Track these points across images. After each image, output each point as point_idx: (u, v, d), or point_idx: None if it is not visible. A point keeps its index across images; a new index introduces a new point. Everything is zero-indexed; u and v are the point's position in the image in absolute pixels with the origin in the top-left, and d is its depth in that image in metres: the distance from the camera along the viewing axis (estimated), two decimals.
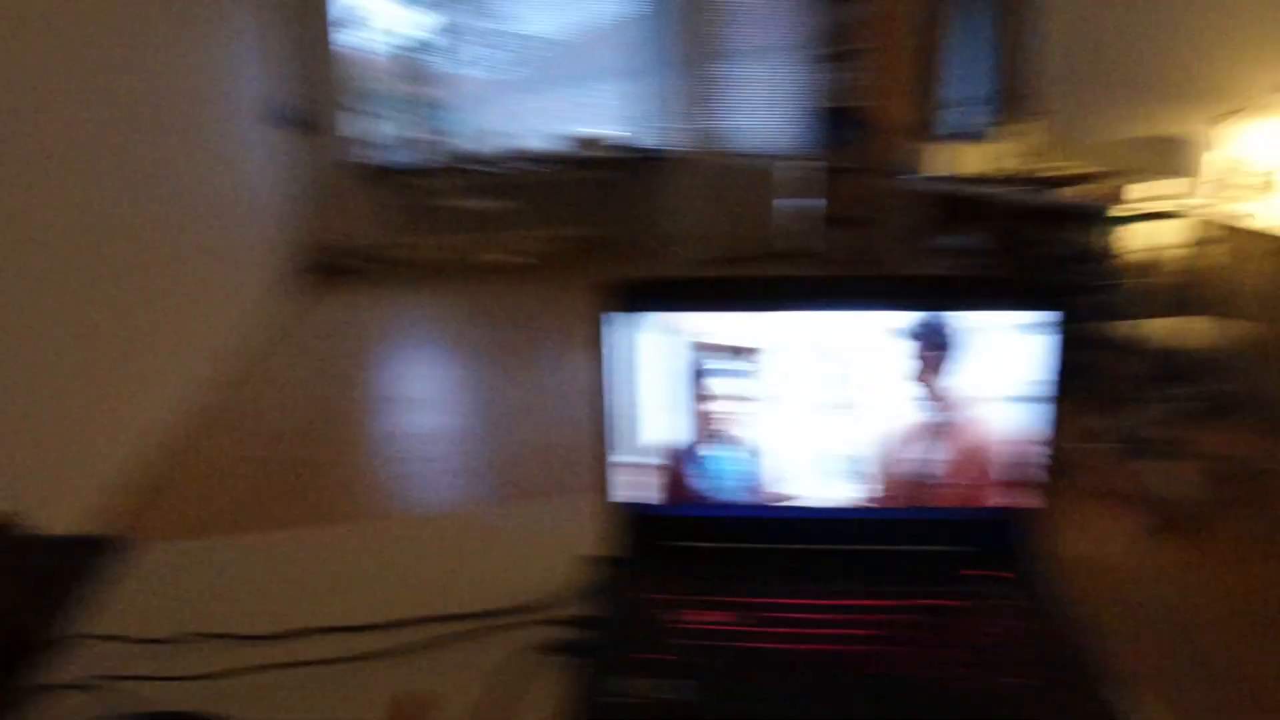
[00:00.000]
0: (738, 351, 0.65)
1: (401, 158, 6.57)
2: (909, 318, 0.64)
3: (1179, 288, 3.33)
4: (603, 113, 7.11)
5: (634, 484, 0.68)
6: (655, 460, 0.68)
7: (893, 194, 5.51)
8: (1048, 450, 0.66)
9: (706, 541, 0.69)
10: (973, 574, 0.66)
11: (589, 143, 6.74)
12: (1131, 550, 2.21)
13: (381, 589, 0.72)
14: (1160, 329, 2.48)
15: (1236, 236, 3.33)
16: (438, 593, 0.70)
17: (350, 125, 6.40)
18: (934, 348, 0.64)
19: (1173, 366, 2.48)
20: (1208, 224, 3.07)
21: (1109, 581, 2.04)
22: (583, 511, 0.82)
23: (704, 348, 0.65)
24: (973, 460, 0.66)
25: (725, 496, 0.68)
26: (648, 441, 0.67)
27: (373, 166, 6.44)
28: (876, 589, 0.64)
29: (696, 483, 0.68)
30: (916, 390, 0.65)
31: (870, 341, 0.65)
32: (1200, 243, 3.21)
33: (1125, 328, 2.48)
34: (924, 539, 0.68)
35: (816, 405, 0.66)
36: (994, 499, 0.67)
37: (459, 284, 5.96)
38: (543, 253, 6.95)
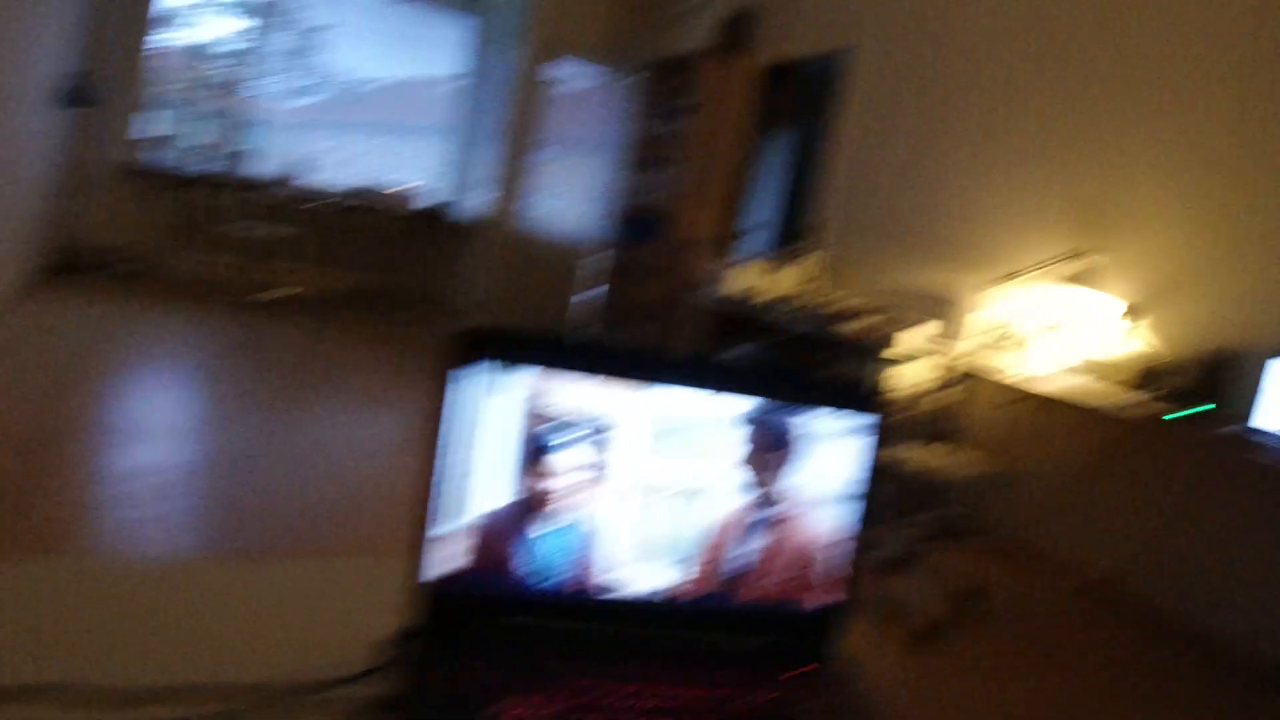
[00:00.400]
0: (578, 424, 0.63)
1: (186, 166, 6.06)
2: (748, 407, 0.65)
3: (931, 422, 3.70)
4: (408, 165, 6.98)
5: (449, 554, 0.63)
6: (476, 530, 0.63)
7: (680, 300, 5.78)
8: (855, 550, 0.69)
9: (522, 619, 0.65)
10: (783, 666, 0.67)
11: (387, 191, 6.57)
12: (880, 658, 2.36)
13: (130, 643, 0.60)
14: (912, 456, 2.73)
15: (986, 383, 3.76)
16: (202, 657, 0.61)
17: (137, 123, 5.84)
18: (768, 441, 0.66)
19: (920, 491, 2.72)
20: (962, 369, 3.46)
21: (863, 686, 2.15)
22: (379, 576, 0.75)
23: (543, 416, 0.62)
24: (790, 555, 0.68)
25: (547, 574, 0.65)
26: (470, 509, 0.63)
27: (153, 169, 5.89)
28: (690, 677, 0.64)
29: (518, 558, 0.64)
30: (746, 481, 0.67)
31: (709, 427, 0.65)
32: (953, 384, 3.60)
33: (883, 453, 2.70)
34: (739, 629, 0.69)
35: (650, 487, 0.65)
36: (806, 594, 0.70)
37: (227, 308, 5.50)
38: (321, 291, 6.59)
